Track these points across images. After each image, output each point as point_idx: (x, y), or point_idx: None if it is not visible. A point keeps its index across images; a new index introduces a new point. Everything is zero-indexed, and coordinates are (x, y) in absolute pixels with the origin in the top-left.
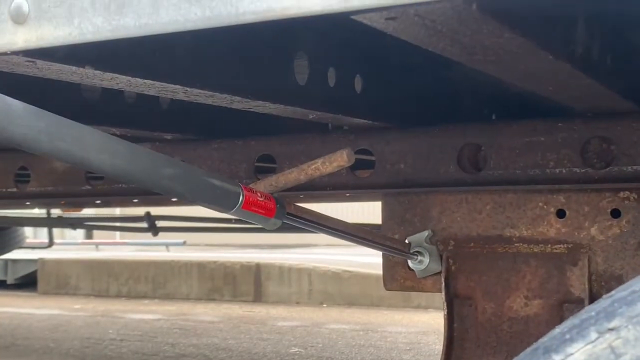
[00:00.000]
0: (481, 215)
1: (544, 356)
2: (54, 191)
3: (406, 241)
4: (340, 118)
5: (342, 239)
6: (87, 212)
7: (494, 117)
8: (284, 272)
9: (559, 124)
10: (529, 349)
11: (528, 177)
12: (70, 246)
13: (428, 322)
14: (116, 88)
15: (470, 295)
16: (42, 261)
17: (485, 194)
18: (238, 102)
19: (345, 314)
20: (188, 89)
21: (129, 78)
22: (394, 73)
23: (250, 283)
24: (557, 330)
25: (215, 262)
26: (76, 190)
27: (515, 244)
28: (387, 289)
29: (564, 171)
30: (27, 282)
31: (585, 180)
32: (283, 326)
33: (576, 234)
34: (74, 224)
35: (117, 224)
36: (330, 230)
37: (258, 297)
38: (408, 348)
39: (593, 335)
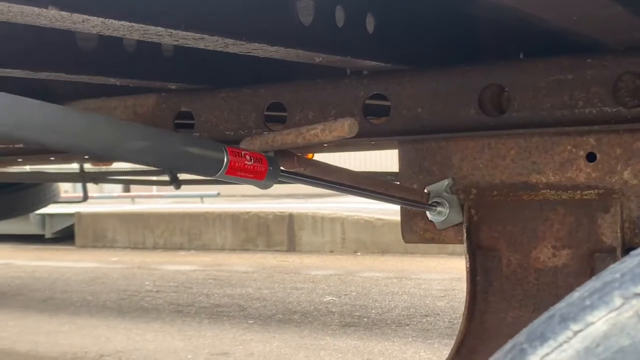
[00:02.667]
0: (505, 161)
1: (560, 325)
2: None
3: (425, 191)
4: (350, 61)
5: (351, 194)
6: (118, 165)
7: (521, 55)
8: (317, 222)
9: (588, 60)
10: (543, 316)
11: (555, 119)
12: (107, 199)
13: (462, 269)
14: (94, 32)
15: (494, 246)
16: (79, 215)
17: (509, 138)
18: (233, 45)
19: (378, 262)
20: (173, 31)
21: (103, 20)
22: (410, 11)
23: (283, 233)
24: (576, 294)
25: (248, 212)
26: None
27: (542, 191)
28: (406, 242)
29: (594, 111)
30: (65, 236)
31: (618, 120)
32: (317, 275)
33: (608, 178)
34: (96, 178)
35: (140, 178)
36: (336, 186)
37: (292, 246)
38: (442, 295)
39: (617, 301)
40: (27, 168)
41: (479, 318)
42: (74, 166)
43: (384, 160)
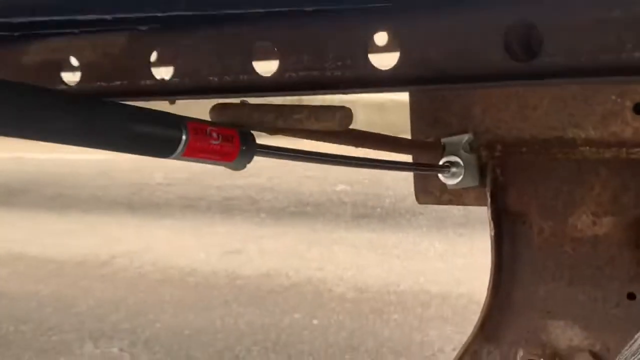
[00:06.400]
0: (536, 112)
1: None
2: None
3: (441, 142)
4: None
5: (340, 165)
6: None
7: None
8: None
9: None
10: None
11: (597, 66)
12: None
13: None
14: None
15: (523, 212)
16: None
17: (541, 85)
18: None
19: None
20: None
21: None
22: None
23: None
24: None
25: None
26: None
27: (581, 148)
28: (420, 203)
29: None
30: None
31: None
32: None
33: None
34: None
35: None
36: (323, 158)
37: None
38: None
39: None
40: None
41: (506, 291)
42: None
43: None
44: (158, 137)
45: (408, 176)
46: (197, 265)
